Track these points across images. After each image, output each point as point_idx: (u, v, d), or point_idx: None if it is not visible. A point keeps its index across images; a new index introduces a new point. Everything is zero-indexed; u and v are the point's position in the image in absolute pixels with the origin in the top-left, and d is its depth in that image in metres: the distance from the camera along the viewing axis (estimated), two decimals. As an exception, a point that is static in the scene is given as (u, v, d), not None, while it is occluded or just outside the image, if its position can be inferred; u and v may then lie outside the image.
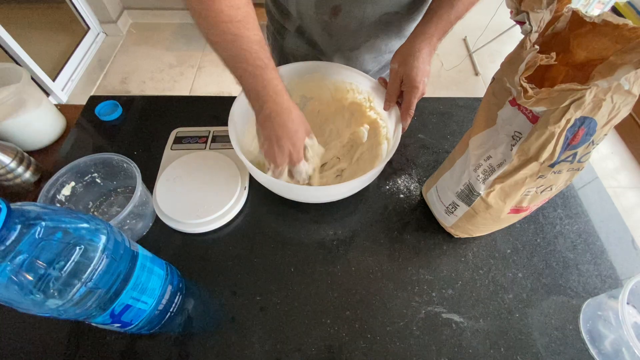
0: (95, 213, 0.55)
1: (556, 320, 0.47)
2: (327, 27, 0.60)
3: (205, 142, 0.62)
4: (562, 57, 0.39)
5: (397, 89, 0.52)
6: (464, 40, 2.23)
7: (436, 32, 0.52)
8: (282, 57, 0.72)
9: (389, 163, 0.62)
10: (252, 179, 0.58)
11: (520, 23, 0.34)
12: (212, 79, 1.95)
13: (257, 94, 0.43)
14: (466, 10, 0.53)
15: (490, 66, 2.09)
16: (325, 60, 0.69)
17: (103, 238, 0.32)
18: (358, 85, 0.59)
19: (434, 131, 0.68)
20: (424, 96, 0.52)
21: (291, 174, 0.49)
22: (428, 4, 0.59)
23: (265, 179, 0.48)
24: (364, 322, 0.46)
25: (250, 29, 0.40)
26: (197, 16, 0.39)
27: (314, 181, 0.53)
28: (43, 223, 0.28)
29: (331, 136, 0.63)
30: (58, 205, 0.49)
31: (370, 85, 0.58)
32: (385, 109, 0.54)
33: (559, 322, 0.47)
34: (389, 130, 0.57)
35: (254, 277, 0.50)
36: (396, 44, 0.66)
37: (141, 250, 0.39)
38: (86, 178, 0.52)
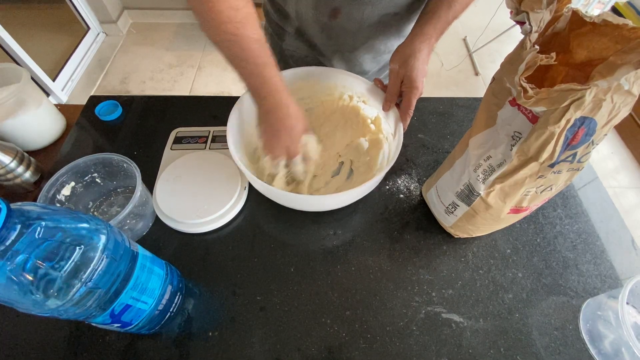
0: (95, 213, 0.55)
1: (556, 320, 0.47)
2: (326, 29, 0.60)
3: (205, 142, 0.62)
4: (562, 57, 0.39)
5: (398, 90, 0.52)
6: (464, 40, 2.23)
7: (434, 32, 0.52)
8: (281, 58, 0.72)
9: (389, 163, 0.62)
10: (252, 179, 0.58)
11: (520, 23, 0.34)
12: (212, 79, 1.95)
13: (257, 91, 0.45)
14: (463, 9, 0.53)
15: (490, 66, 2.09)
16: (324, 61, 0.69)
17: (103, 238, 0.32)
18: (353, 88, 0.59)
19: (434, 131, 0.68)
20: (422, 96, 0.53)
21: (289, 167, 0.51)
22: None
23: (263, 187, 0.48)
24: (364, 322, 0.46)
25: (250, 29, 0.41)
26: (199, 17, 0.40)
27: (303, 188, 0.55)
28: (43, 223, 0.28)
29: (327, 141, 0.63)
30: (58, 205, 0.49)
31: (365, 87, 0.58)
32: (384, 109, 0.54)
33: (559, 322, 0.47)
34: (387, 131, 0.57)
35: (254, 277, 0.50)
36: (395, 44, 0.66)
37: (141, 250, 0.39)
38: (86, 178, 0.52)
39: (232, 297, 0.48)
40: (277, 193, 0.48)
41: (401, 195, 0.59)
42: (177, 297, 0.45)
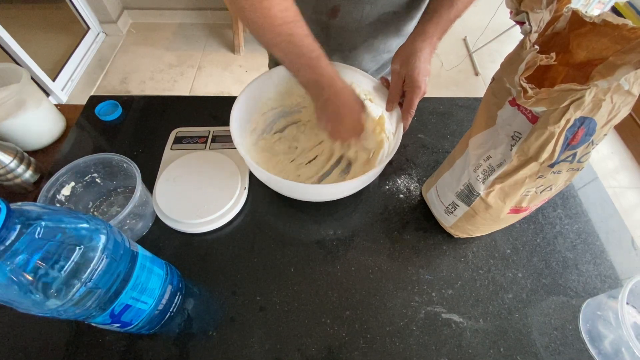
0: (95, 213, 0.55)
1: (556, 320, 0.47)
2: (325, 28, 0.60)
3: (205, 142, 0.62)
4: (562, 57, 0.39)
5: (400, 90, 0.52)
6: (464, 40, 2.23)
7: (436, 31, 0.52)
8: None
9: (389, 163, 0.62)
10: (252, 179, 0.58)
11: (520, 23, 0.34)
12: (212, 79, 1.95)
13: (316, 82, 0.47)
14: (465, 8, 0.53)
15: (490, 66, 2.09)
16: None
17: (103, 238, 0.32)
18: (359, 85, 0.59)
19: (434, 131, 0.68)
20: (424, 96, 0.53)
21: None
22: (426, 3, 0.59)
23: (267, 177, 0.48)
24: (364, 322, 0.46)
25: (301, 26, 0.44)
26: (252, 23, 0.43)
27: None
28: (43, 223, 0.28)
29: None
30: (58, 205, 0.49)
31: (372, 85, 0.58)
32: (388, 109, 0.54)
33: (559, 322, 0.47)
34: (389, 130, 0.57)
35: (254, 277, 0.50)
36: (395, 43, 0.66)
37: (141, 250, 0.39)
38: (86, 178, 0.52)
39: (232, 297, 0.48)
40: (280, 183, 0.48)
41: (401, 195, 0.59)
42: (177, 297, 0.45)
